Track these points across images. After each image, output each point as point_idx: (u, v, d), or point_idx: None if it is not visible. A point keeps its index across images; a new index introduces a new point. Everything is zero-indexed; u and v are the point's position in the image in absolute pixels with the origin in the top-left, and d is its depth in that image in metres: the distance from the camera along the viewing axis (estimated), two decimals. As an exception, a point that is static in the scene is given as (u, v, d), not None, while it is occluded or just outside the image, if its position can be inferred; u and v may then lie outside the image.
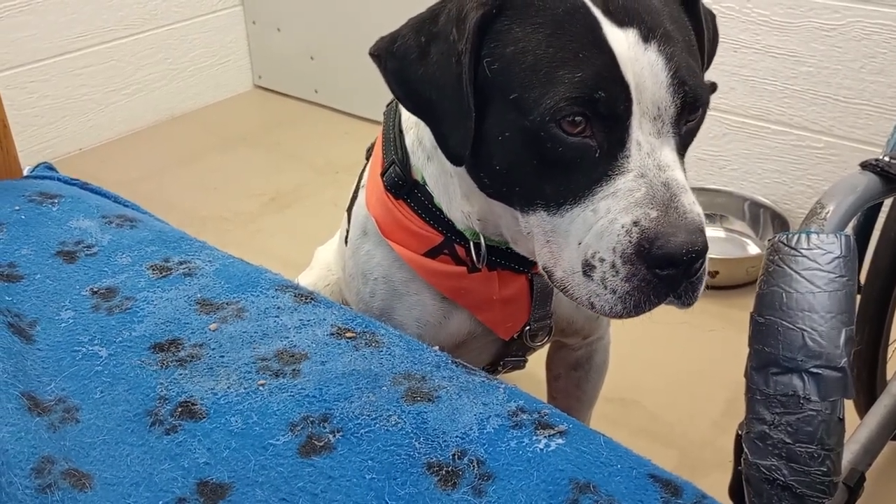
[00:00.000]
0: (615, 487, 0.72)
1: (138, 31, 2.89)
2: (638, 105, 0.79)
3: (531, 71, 0.80)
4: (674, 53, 0.80)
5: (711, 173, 2.26)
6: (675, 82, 0.79)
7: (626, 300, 0.80)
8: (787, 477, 0.84)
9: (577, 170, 0.80)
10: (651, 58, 0.79)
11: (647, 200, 0.78)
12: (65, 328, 0.92)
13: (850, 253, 0.86)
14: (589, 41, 0.79)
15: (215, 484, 0.73)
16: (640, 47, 0.79)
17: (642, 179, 0.79)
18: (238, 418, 0.79)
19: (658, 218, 0.77)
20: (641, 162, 0.79)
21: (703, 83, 0.83)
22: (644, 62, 0.78)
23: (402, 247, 1.00)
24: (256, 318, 0.93)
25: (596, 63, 0.78)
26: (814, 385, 0.83)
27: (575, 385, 1.29)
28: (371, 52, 0.89)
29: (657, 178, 0.79)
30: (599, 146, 0.80)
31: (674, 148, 0.82)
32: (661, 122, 0.80)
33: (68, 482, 0.72)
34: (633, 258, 0.78)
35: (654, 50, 0.79)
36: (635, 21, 0.80)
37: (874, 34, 1.88)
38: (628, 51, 0.78)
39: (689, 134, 0.85)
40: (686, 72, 0.80)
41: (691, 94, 0.81)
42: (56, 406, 0.81)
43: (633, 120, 0.79)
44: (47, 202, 1.15)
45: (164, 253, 1.05)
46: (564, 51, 0.79)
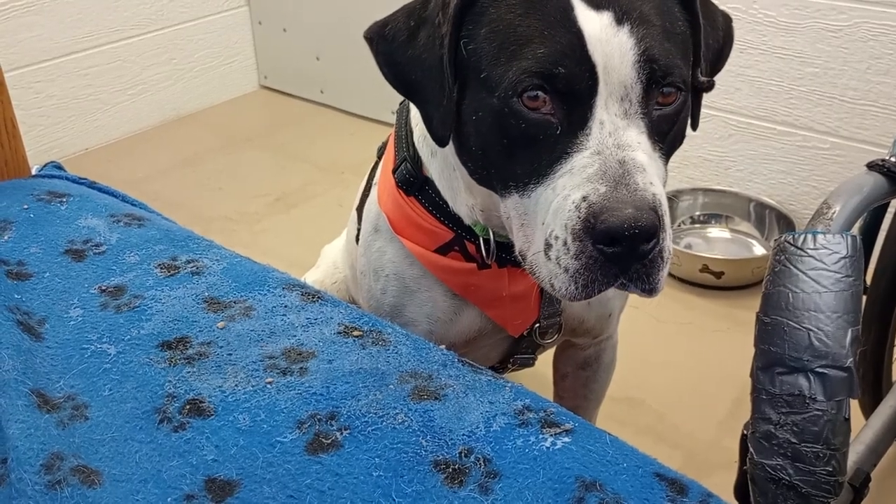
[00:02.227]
0: (621, 486, 0.72)
1: (144, 32, 2.89)
2: (605, 85, 0.79)
3: (499, 49, 0.82)
4: (647, 35, 0.80)
5: (717, 174, 2.26)
6: (643, 59, 0.79)
7: (577, 279, 0.79)
8: (792, 476, 0.84)
9: (541, 147, 0.81)
10: (622, 39, 0.79)
11: (599, 176, 0.78)
12: (73, 326, 0.92)
13: (856, 253, 0.86)
14: (558, 20, 0.80)
15: (223, 481, 0.73)
16: (612, 29, 0.79)
17: (598, 156, 0.79)
18: (246, 416, 0.80)
19: (606, 193, 0.77)
20: (601, 140, 0.79)
21: (679, 66, 0.82)
22: (615, 43, 0.79)
23: (413, 243, 1.01)
24: (264, 316, 0.94)
25: (560, 40, 0.79)
26: (819, 385, 0.83)
27: (582, 384, 1.29)
28: (364, 34, 0.92)
29: (613, 155, 0.79)
30: (560, 123, 0.80)
31: (643, 131, 0.81)
32: (628, 103, 0.80)
33: (77, 478, 0.72)
34: (581, 234, 0.77)
35: (626, 31, 0.79)
36: (611, 5, 0.80)
37: (881, 35, 1.88)
38: (599, 32, 0.79)
39: (664, 120, 0.84)
40: (658, 52, 0.80)
41: (660, 72, 0.80)
42: (65, 403, 0.81)
43: (598, 99, 0.80)
44: (56, 201, 1.16)
45: (172, 252, 1.06)
46: (532, 29, 0.80)
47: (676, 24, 0.85)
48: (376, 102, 2.85)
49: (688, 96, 0.86)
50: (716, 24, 0.93)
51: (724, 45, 0.95)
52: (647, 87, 0.80)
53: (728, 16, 0.97)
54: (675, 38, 0.84)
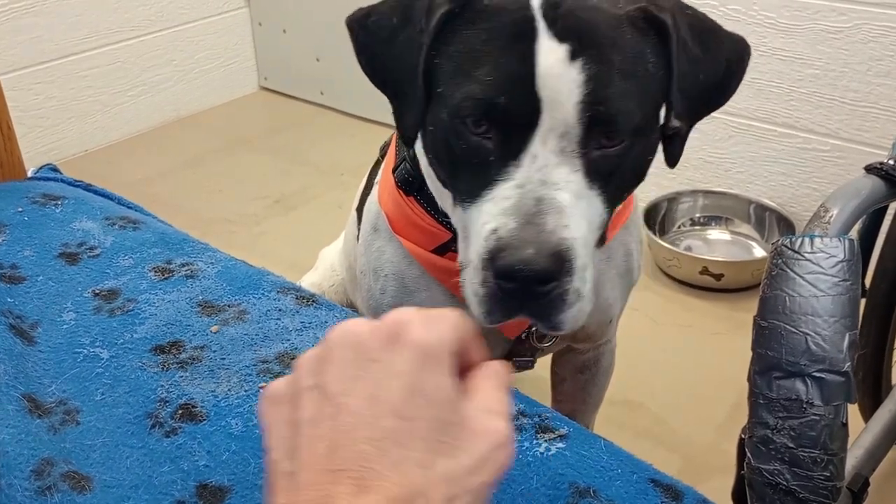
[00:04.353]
0: (616, 492, 0.71)
1: (144, 33, 2.89)
2: (548, 119, 0.78)
3: (456, 69, 0.82)
4: (598, 74, 0.78)
5: (717, 176, 2.26)
6: (587, 101, 0.77)
7: (482, 305, 0.80)
8: (789, 481, 0.84)
9: (478, 169, 0.82)
10: (572, 75, 0.77)
11: (513, 210, 0.78)
12: (66, 330, 0.92)
13: (853, 257, 0.85)
14: (517, 49, 0.79)
15: (215, 487, 0.72)
16: (564, 64, 0.78)
17: (519, 190, 0.79)
18: (238, 421, 0.79)
19: (513, 229, 0.77)
20: (528, 174, 0.79)
21: (629, 111, 0.79)
22: (564, 79, 0.78)
23: (411, 243, 1.00)
24: (258, 320, 0.93)
25: (511, 70, 0.79)
26: (817, 389, 0.82)
27: (580, 388, 1.29)
28: (347, 20, 0.91)
29: (533, 192, 0.78)
30: (496, 150, 0.80)
31: (577, 169, 0.80)
32: (566, 141, 0.79)
33: (68, 484, 0.72)
34: (486, 264, 0.78)
35: (578, 68, 0.78)
36: (572, 38, 0.78)
37: (881, 36, 1.88)
38: (552, 65, 0.78)
39: (605, 161, 0.81)
40: (606, 94, 0.78)
41: (603, 116, 0.78)
42: (57, 408, 0.81)
43: (537, 132, 0.79)
44: (51, 204, 1.16)
45: (167, 255, 1.05)
46: (488, 55, 0.80)
47: (643, 64, 0.82)
48: (376, 104, 2.83)
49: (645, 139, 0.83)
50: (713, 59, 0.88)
51: (729, 79, 0.90)
52: (589, 129, 0.79)
53: (741, 44, 0.90)
54: (635, 79, 0.81)
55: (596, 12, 0.81)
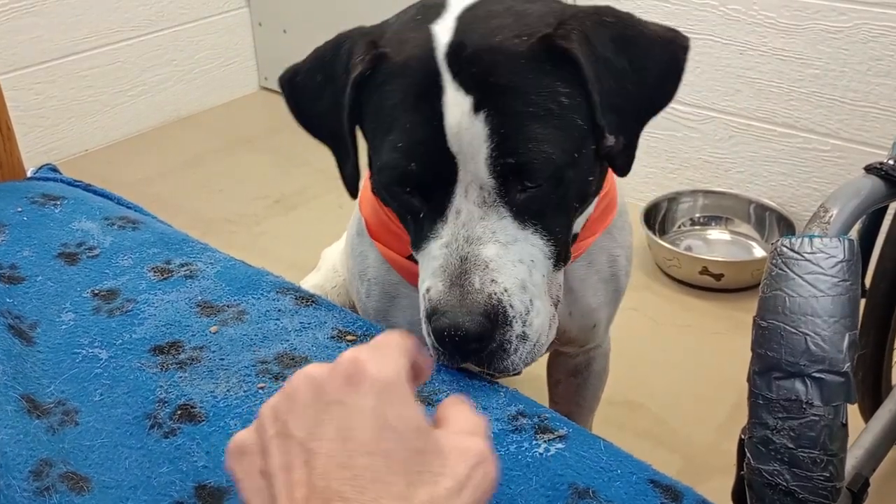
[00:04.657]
0: (615, 493, 0.71)
1: (144, 33, 2.89)
2: (465, 174, 0.78)
3: (375, 132, 0.84)
4: (503, 124, 0.76)
5: (717, 176, 2.26)
6: (496, 154, 0.77)
7: (433, 351, 0.82)
8: (789, 482, 0.84)
9: (414, 224, 0.84)
10: (477, 129, 0.76)
11: (441, 271, 0.79)
12: (65, 330, 0.92)
13: (853, 257, 0.85)
14: (424, 109, 0.78)
15: (213, 488, 0.72)
16: (470, 117, 0.77)
17: (446, 249, 0.80)
18: (237, 421, 0.79)
19: (441, 291, 0.78)
20: (454, 231, 0.80)
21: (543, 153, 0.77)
22: (471, 133, 0.77)
23: (388, 249, 1.00)
24: (257, 320, 0.93)
25: (418, 134, 0.78)
26: (816, 390, 0.82)
27: (574, 391, 1.29)
28: (278, 80, 0.93)
29: (459, 250, 0.79)
30: (423, 208, 0.82)
31: (505, 216, 0.80)
32: (486, 192, 0.79)
33: (66, 485, 0.72)
34: (427, 320, 0.81)
35: (482, 120, 0.76)
36: (476, 87, 0.77)
37: (881, 36, 1.88)
38: (459, 119, 0.77)
39: (534, 200, 0.80)
40: (515, 146, 0.77)
41: (515, 168, 0.77)
42: (55, 408, 0.81)
43: (457, 187, 0.79)
44: (50, 204, 1.15)
45: (166, 255, 1.05)
46: (399, 119, 0.80)
47: (554, 100, 0.78)
48: (376, 104, 2.84)
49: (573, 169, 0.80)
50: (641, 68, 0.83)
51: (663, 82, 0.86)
52: (504, 179, 0.78)
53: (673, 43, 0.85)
54: (548, 118, 0.78)
55: (499, 53, 0.78)
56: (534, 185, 0.79)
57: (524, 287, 0.80)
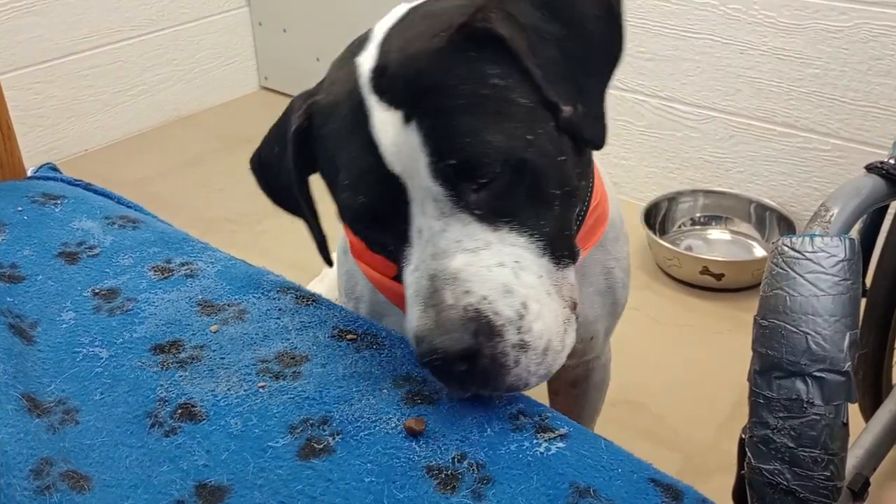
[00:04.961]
0: (616, 492, 0.71)
1: (145, 33, 2.89)
2: (414, 190, 0.75)
3: (329, 176, 0.83)
4: (435, 126, 0.73)
5: (717, 175, 2.26)
6: (436, 159, 0.73)
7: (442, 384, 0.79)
8: (790, 481, 0.84)
9: (391, 257, 0.81)
10: (412, 139, 0.73)
11: (414, 297, 0.75)
12: (66, 329, 0.92)
13: (854, 256, 0.85)
14: (357, 141, 0.76)
15: (214, 486, 0.72)
16: (403, 130, 0.74)
17: (416, 273, 0.76)
18: (238, 420, 0.79)
19: (419, 316, 0.74)
20: (421, 252, 0.76)
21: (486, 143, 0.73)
22: (407, 146, 0.74)
23: (371, 269, 0.99)
24: (258, 319, 0.93)
25: (357, 166, 0.77)
26: (817, 389, 0.82)
27: (573, 402, 1.28)
28: (250, 163, 0.94)
29: (427, 270, 0.75)
30: (389, 239, 0.79)
31: (467, 223, 0.75)
32: (441, 202, 0.75)
33: (67, 484, 0.72)
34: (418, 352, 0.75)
35: (414, 129, 0.73)
36: (403, 100, 0.74)
37: (881, 36, 1.88)
38: (393, 137, 0.74)
39: (497, 196, 0.75)
40: (452, 141, 0.73)
41: (459, 168, 0.73)
42: (56, 407, 0.81)
43: (413, 207, 0.76)
44: (50, 203, 1.15)
45: (167, 254, 1.05)
46: (339, 158, 0.79)
47: (486, 85, 0.75)
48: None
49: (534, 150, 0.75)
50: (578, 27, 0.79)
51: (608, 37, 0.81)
52: (451, 182, 0.74)
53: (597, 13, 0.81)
54: (482, 107, 0.74)
55: (418, 58, 0.76)
56: (487, 179, 0.74)
57: (509, 291, 0.74)
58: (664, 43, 2.19)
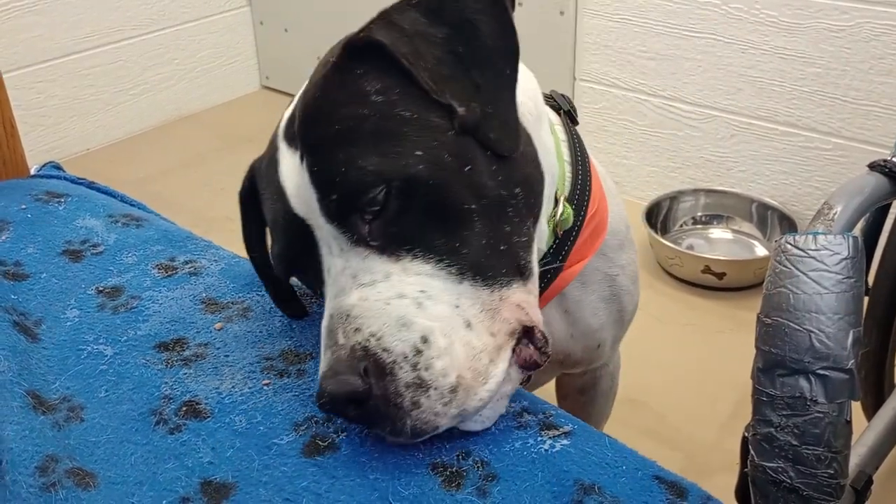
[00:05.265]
0: (620, 489, 0.71)
1: (146, 32, 2.89)
2: (318, 231, 0.74)
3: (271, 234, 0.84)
4: (316, 161, 0.72)
5: (719, 174, 2.26)
6: (320, 196, 0.72)
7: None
8: (793, 479, 0.84)
9: None
10: (304, 179, 0.73)
11: (323, 341, 0.72)
12: (70, 327, 0.92)
13: (857, 254, 0.85)
14: (272, 191, 0.78)
15: (219, 483, 0.72)
16: (299, 171, 0.73)
17: (326, 314, 0.73)
18: (242, 418, 0.79)
19: (321, 360, 0.71)
20: (330, 292, 0.74)
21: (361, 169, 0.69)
22: (302, 187, 0.73)
23: None
24: (262, 317, 0.93)
25: (273, 215, 0.78)
26: (821, 387, 0.82)
27: (581, 409, 1.28)
28: None
29: (329, 310, 0.72)
30: (315, 284, 0.78)
31: (365, 256, 0.72)
32: (339, 239, 0.73)
33: (72, 481, 0.72)
34: None
35: (305, 168, 0.72)
36: (298, 140, 0.73)
37: (883, 35, 1.88)
38: (295, 180, 0.74)
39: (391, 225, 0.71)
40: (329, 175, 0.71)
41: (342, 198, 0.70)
42: (61, 405, 0.81)
43: (321, 247, 0.74)
44: (54, 201, 1.16)
45: (170, 252, 1.06)
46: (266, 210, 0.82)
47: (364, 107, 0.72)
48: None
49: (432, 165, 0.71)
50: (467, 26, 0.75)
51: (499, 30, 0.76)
52: (338, 217, 0.71)
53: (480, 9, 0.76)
54: (360, 130, 0.71)
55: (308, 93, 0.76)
56: (375, 208, 0.70)
57: (405, 324, 0.68)
58: (666, 42, 2.19)
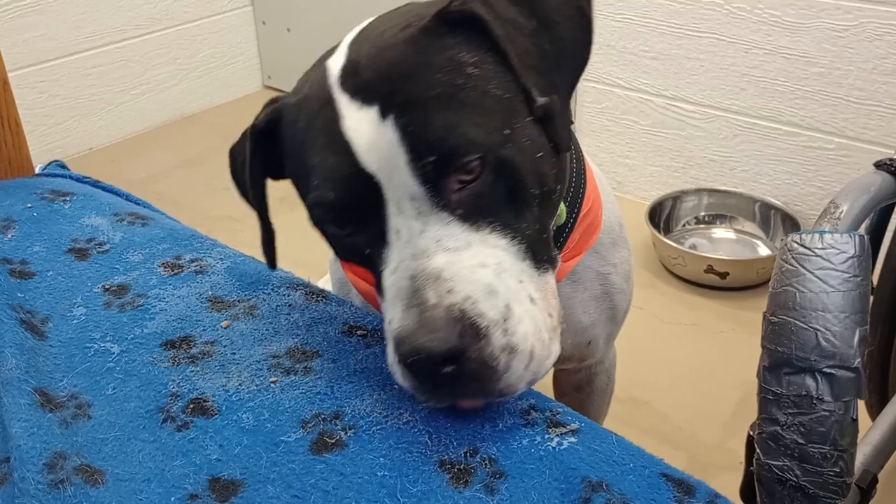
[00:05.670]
0: (628, 486, 0.71)
1: (148, 32, 2.89)
2: (390, 190, 0.73)
3: (297, 181, 0.82)
4: (411, 121, 0.71)
5: (722, 174, 2.26)
6: (415, 156, 0.71)
7: (416, 392, 0.74)
8: (799, 478, 0.84)
9: (366, 262, 0.78)
10: (389, 136, 0.71)
11: (394, 298, 0.72)
12: (77, 325, 0.92)
13: (863, 252, 0.85)
14: (327, 141, 0.75)
15: (227, 480, 0.73)
16: (379, 127, 0.72)
17: (395, 274, 0.73)
18: (250, 415, 0.79)
19: (400, 318, 0.70)
20: (399, 253, 0.73)
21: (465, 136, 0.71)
22: (383, 143, 0.71)
23: (359, 279, 0.98)
24: (268, 315, 0.93)
25: (327, 164, 0.74)
26: (827, 385, 0.83)
27: (578, 405, 1.28)
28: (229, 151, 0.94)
29: (407, 270, 0.72)
30: (365, 242, 0.76)
31: (448, 222, 0.72)
32: (419, 202, 0.72)
33: (81, 478, 0.72)
34: (396, 357, 0.72)
35: (391, 125, 0.71)
36: (377, 96, 0.72)
37: (886, 35, 1.88)
38: (368, 135, 0.72)
39: (479, 195, 0.73)
40: (430, 136, 0.71)
41: (442, 163, 0.71)
42: (68, 402, 0.81)
43: (389, 207, 0.73)
44: (59, 200, 1.16)
45: (176, 251, 1.06)
46: (309, 157, 0.77)
47: (460, 76, 0.73)
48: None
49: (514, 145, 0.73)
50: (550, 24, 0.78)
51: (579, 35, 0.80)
52: (431, 180, 0.71)
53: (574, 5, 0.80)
54: (458, 98, 0.72)
55: (389, 51, 0.74)
56: (469, 177, 0.72)
57: (493, 292, 0.70)
58: (669, 42, 2.19)
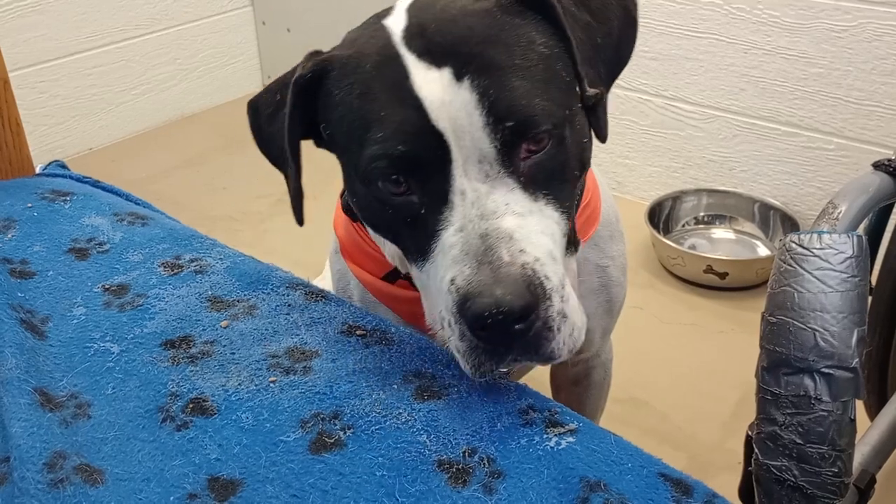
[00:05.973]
0: (626, 486, 0.72)
1: (148, 32, 2.90)
2: (459, 150, 0.73)
3: (349, 136, 0.79)
4: (491, 85, 0.73)
5: (721, 174, 2.26)
6: (493, 119, 0.72)
7: (469, 359, 0.75)
8: (797, 478, 0.84)
9: (415, 226, 0.78)
10: (464, 97, 0.72)
11: (462, 256, 0.73)
12: (77, 324, 0.92)
13: (862, 253, 0.86)
14: (395, 95, 0.75)
15: (226, 480, 0.73)
16: (453, 88, 0.73)
17: (461, 233, 0.74)
18: (249, 415, 0.79)
19: (469, 275, 0.71)
20: (464, 213, 0.74)
21: (538, 106, 0.74)
22: (458, 104, 0.72)
23: (361, 269, 0.98)
24: (267, 315, 0.94)
25: (399, 116, 0.74)
26: (825, 385, 0.83)
27: (575, 400, 1.28)
28: (247, 104, 0.91)
29: (476, 229, 0.73)
30: (422, 202, 0.76)
31: (513, 188, 0.75)
32: (488, 165, 0.74)
33: (80, 477, 0.72)
34: (457, 318, 0.73)
35: (467, 87, 0.72)
36: (450, 58, 0.73)
37: (885, 35, 1.88)
38: (441, 94, 0.73)
39: (540, 166, 0.76)
40: (509, 102, 0.73)
41: (517, 125, 0.73)
42: (68, 402, 0.81)
43: (454, 167, 0.74)
44: (59, 200, 1.16)
45: (176, 251, 1.06)
46: (372, 111, 0.76)
47: (534, 51, 0.76)
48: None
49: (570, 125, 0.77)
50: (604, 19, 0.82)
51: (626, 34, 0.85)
52: (507, 144, 0.74)
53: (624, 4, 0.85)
54: (533, 71, 0.75)
55: (464, 18, 0.76)
56: (537, 147, 0.75)
57: (555, 259, 0.74)
58: (668, 42, 2.19)
